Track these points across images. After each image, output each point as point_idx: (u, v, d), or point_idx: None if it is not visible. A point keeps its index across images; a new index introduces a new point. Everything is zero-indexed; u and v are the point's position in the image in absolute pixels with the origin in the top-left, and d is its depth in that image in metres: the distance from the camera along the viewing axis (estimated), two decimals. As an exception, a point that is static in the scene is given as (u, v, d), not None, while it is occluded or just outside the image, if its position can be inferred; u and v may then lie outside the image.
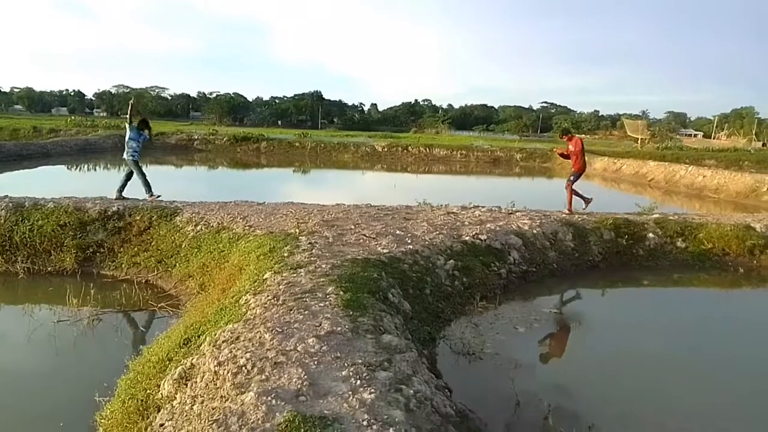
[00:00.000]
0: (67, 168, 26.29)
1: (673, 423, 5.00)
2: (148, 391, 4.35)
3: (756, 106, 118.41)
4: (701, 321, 8.18)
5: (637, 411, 5.22)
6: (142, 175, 11.41)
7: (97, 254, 9.26)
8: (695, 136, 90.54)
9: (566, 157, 12.43)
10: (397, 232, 9.08)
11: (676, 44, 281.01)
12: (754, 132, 75.21)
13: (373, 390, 3.70)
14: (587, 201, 12.33)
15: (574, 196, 12.12)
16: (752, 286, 10.02)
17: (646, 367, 6.22)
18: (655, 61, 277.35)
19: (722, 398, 5.64)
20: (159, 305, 7.42)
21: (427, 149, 40.47)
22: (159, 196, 11.28)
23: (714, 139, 79.40)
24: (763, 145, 60.62)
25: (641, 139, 54.17)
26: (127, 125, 11.39)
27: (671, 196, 23.84)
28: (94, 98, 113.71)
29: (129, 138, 11.30)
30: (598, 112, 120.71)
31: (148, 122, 11.95)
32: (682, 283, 10.07)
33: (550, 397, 5.00)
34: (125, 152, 11.36)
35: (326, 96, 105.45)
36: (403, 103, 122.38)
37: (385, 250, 7.79)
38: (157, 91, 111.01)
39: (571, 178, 12.12)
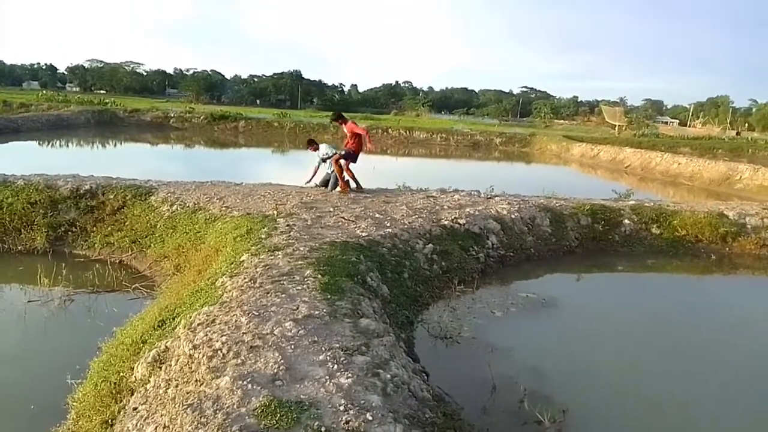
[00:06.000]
0: (39, 144, 25.63)
1: (648, 405, 5.09)
2: (121, 374, 4.28)
3: (731, 95, 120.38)
4: (675, 306, 8.33)
5: (611, 394, 5.32)
6: None
7: (69, 233, 9.05)
8: (671, 123, 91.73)
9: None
10: (376, 215, 9.04)
11: (655, 32, 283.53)
12: (728, 121, 76.51)
13: (350, 374, 3.69)
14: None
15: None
16: (724, 273, 10.24)
17: (621, 351, 6.33)
18: (635, 48, 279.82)
19: (697, 381, 5.77)
20: (133, 286, 7.30)
21: (408, 132, 40.32)
22: None
23: (689, 127, 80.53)
24: (737, 133, 61.61)
25: (618, 125, 54.76)
26: None
27: (647, 182, 24.19)
28: (66, 73, 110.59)
29: None
30: (578, 98, 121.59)
31: None
32: (656, 268, 10.25)
33: (526, 381, 5.05)
34: None
35: (306, 76, 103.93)
36: (383, 84, 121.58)
37: (364, 233, 7.75)
38: (132, 66, 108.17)
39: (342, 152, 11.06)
